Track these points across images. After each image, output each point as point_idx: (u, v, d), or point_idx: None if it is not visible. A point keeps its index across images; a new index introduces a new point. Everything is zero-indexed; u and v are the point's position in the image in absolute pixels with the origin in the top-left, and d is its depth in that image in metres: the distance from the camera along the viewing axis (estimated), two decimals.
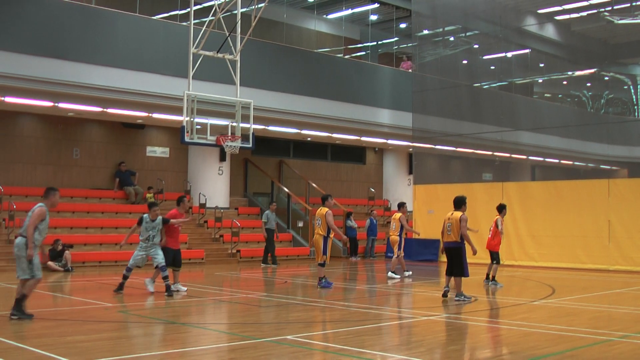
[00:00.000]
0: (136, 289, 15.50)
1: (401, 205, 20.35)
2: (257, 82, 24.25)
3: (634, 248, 23.04)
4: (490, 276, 17.91)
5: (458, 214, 14.51)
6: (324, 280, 16.71)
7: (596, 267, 23.14)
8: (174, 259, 15.39)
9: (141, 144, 27.91)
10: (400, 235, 19.65)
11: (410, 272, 20.36)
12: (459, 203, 14.70)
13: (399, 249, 19.68)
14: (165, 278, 14.71)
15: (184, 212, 15.92)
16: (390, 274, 19.83)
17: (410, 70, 29.76)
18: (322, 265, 16.59)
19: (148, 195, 26.36)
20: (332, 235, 16.57)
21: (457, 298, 14.34)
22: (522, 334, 10.98)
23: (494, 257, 17.84)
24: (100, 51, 21.82)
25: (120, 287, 15.05)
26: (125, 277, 15.10)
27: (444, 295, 14.72)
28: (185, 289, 15.61)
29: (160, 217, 15.06)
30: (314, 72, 27.75)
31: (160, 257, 14.73)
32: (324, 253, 16.50)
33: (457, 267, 14.43)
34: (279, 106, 25.60)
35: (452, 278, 14.61)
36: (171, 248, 15.37)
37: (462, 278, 14.47)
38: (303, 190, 31.55)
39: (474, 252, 14.41)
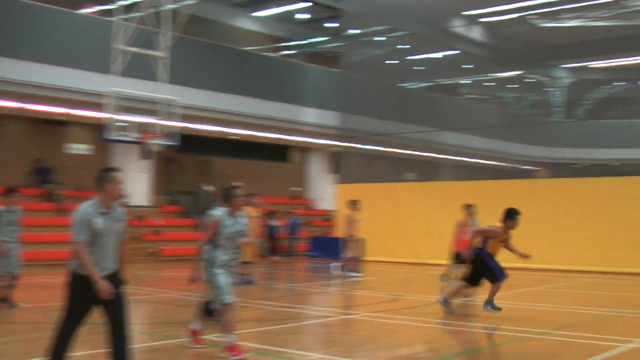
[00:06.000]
0: (56, 290, 15.10)
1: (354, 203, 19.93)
2: (185, 79, 23.92)
3: (552, 247, 23.52)
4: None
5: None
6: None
7: (515, 266, 23.43)
8: None
9: (62, 141, 27.25)
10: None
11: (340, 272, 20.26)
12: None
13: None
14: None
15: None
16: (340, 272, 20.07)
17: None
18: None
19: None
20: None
21: (488, 307, 12.33)
22: (441, 332, 11.09)
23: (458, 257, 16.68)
24: (20, 45, 21.15)
25: None
26: None
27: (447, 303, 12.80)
28: None
29: None
30: (241, 70, 27.54)
31: None
32: None
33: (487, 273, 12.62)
34: (205, 104, 25.33)
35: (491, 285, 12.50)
36: None
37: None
38: None
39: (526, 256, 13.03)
